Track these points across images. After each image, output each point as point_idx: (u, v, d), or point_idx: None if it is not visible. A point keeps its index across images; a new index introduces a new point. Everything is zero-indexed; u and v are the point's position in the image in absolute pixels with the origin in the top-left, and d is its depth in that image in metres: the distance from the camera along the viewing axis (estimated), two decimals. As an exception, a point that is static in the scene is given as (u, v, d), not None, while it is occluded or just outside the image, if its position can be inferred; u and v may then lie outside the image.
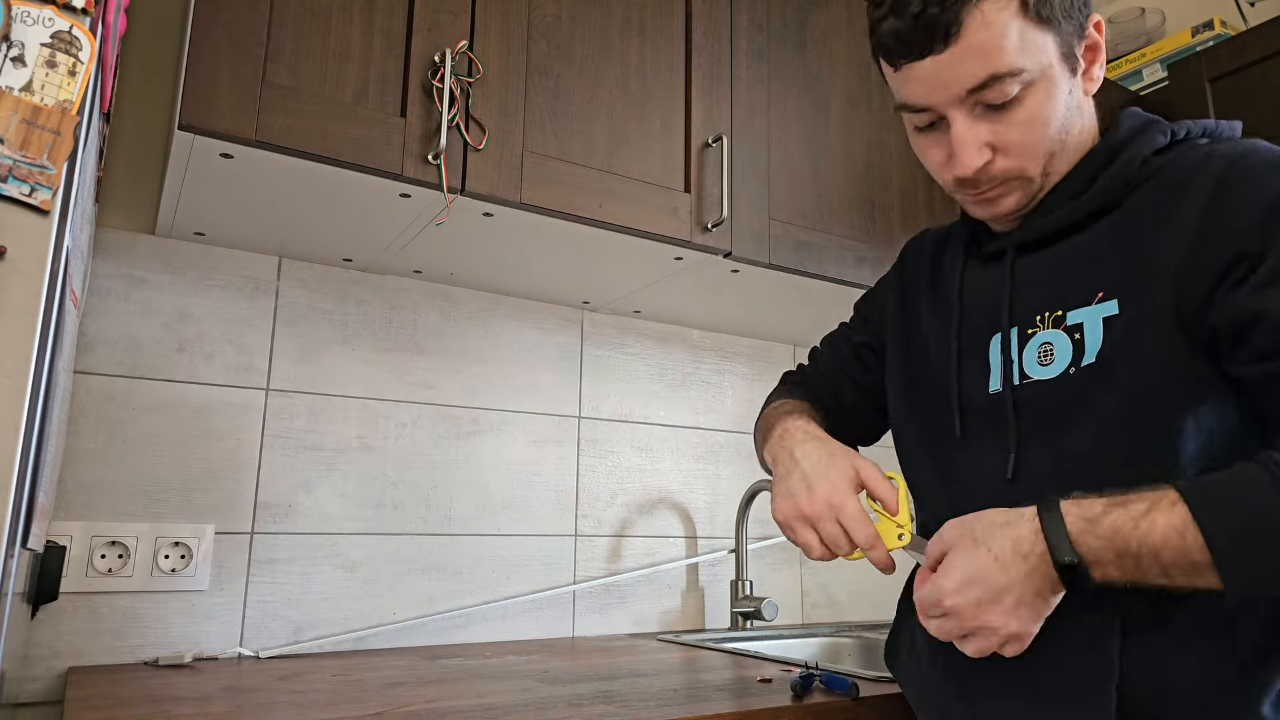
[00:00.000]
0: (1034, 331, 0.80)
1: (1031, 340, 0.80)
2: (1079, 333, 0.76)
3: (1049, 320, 0.79)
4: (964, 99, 0.78)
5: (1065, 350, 0.77)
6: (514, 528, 1.57)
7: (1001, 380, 0.82)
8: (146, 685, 1.06)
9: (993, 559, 0.71)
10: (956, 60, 0.76)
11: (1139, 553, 0.66)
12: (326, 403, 1.43)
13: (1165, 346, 0.72)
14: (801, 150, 1.53)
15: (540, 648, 1.43)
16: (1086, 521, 0.69)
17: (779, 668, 1.24)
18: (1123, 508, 0.68)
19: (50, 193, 0.63)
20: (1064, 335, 0.78)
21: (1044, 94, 0.77)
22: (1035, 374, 0.79)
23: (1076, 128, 0.82)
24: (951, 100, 0.78)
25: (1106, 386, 0.74)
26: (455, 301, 1.58)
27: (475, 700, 0.98)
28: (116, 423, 1.27)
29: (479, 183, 1.18)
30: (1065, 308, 0.78)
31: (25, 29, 0.64)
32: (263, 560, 1.34)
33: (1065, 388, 0.77)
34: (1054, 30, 0.77)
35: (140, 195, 1.33)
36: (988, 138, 0.79)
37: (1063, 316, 0.78)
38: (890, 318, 1.02)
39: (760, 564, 1.86)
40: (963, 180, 0.82)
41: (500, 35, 1.23)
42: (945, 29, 0.75)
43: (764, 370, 1.94)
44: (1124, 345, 0.74)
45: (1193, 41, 2.03)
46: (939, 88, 0.78)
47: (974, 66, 0.76)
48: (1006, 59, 0.75)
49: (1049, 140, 0.79)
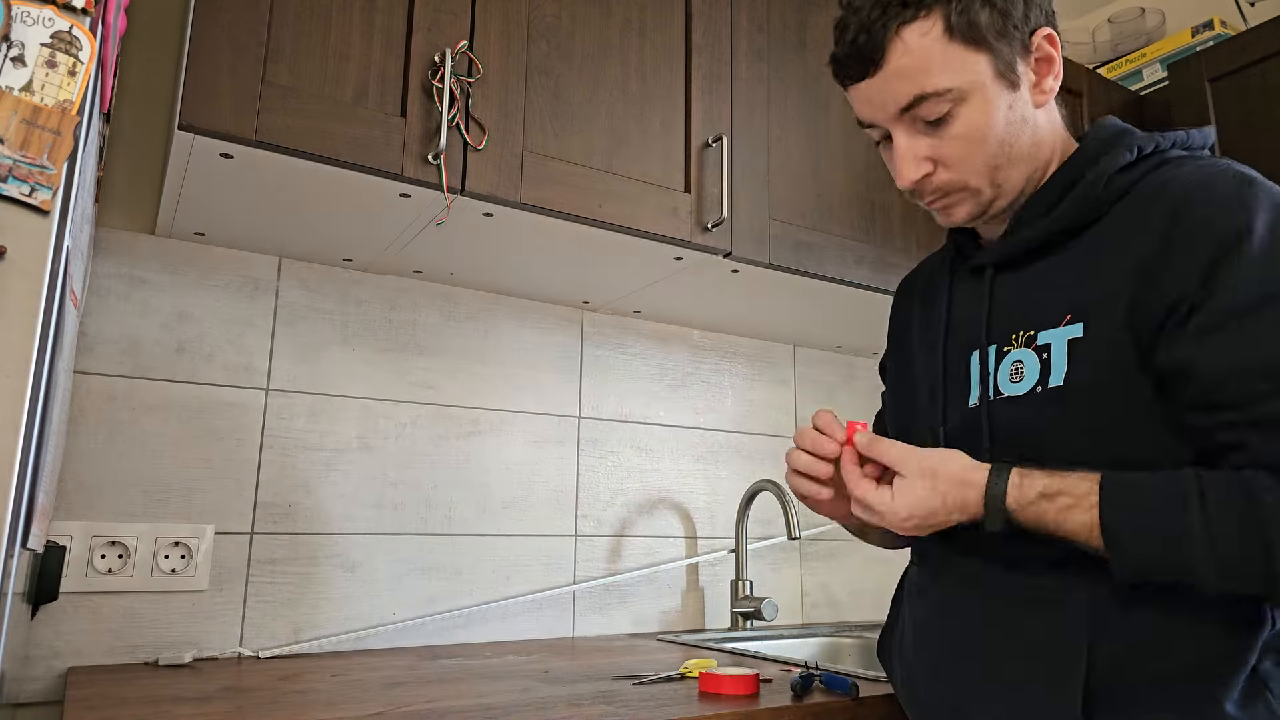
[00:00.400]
0: (1009, 349, 0.83)
1: (1006, 357, 0.83)
2: (1047, 353, 0.80)
3: (1022, 339, 0.82)
4: (899, 117, 0.84)
5: (1034, 369, 0.80)
6: (514, 528, 1.57)
7: (979, 395, 0.85)
8: (146, 685, 1.06)
9: (940, 503, 0.79)
10: (885, 83, 0.83)
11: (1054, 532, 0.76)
12: (326, 403, 1.43)
13: (1125, 375, 0.75)
14: (801, 150, 1.53)
15: (540, 648, 1.43)
16: (1019, 505, 0.77)
17: (779, 668, 1.24)
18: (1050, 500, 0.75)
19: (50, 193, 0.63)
20: (1033, 354, 0.81)
21: (978, 110, 0.81)
22: (1006, 390, 0.83)
23: (1025, 140, 0.84)
24: (888, 118, 0.85)
25: (1070, 409, 0.77)
26: (455, 301, 1.58)
27: (475, 700, 0.98)
28: (116, 423, 1.27)
29: (479, 183, 1.18)
30: (1037, 327, 0.81)
31: (25, 29, 0.64)
32: (263, 560, 1.34)
33: (1032, 406, 0.80)
34: (985, 50, 0.81)
35: (140, 195, 1.33)
36: (927, 152, 0.84)
37: (1034, 336, 0.81)
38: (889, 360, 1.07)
39: (760, 564, 1.86)
40: (910, 192, 0.87)
41: (500, 35, 1.23)
42: (871, 56, 0.82)
43: (764, 370, 1.94)
44: (1086, 370, 0.76)
45: (1193, 41, 2.03)
46: (876, 108, 0.85)
47: (901, 88, 0.82)
48: (931, 80, 0.81)
49: (988, 154, 0.83)
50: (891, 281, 1.57)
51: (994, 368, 0.84)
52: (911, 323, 1.01)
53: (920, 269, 1.07)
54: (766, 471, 1.89)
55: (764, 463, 1.90)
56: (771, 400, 1.94)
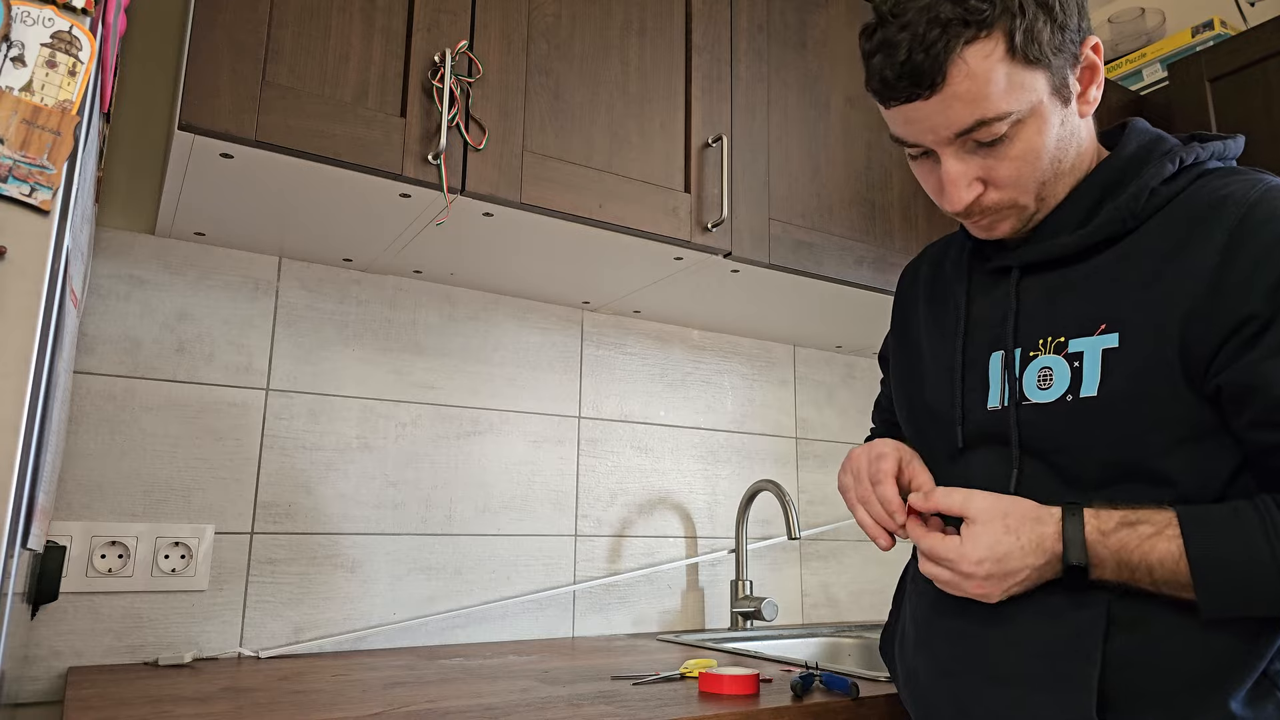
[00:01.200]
0: (1035, 355, 0.81)
1: (1032, 363, 0.81)
2: (1078, 361, 0.78)
3: (1050, 345, 0.80)
4: (952, 140, 0.79)
5: (1064, 377, 0.79)
6: (514, 528, 1.57)
7: (1002, 398, 0.83)
8: (146, 685, 1.06)
9: (1019, 547, 0.77)
10: (942, 106, 0.77)
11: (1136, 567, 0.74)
12: (326, 403, 1.43)
13: (1166, 388, 0.73)
14: (801, 150, 1.53)
15: (540, 648, 1.43)
16: (1100, 534, 0.75)
17: (779, 668, 1.24)
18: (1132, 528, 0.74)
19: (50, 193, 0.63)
20: (1064, 362, 0.79)
21: (1035, 130, 0.78)
22: (1034, 397, 0.81)
23: (1072, 153, 0.82)
24: (939, 141, 0.80)
25: (1103, 420, 0.76)
26: (455, 301, 1.58)
27: (475, 700, 0.98)
28: (116, 423, 1.27)
29: (479, 183, 1.18)
30: (1067, 335, 0.79)
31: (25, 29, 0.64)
32: (263, 560, 1.34)
33: (1062, 414, 0.78)
34: (1044, 68, 0.77)
35: (140, 195, 1.33)
36: (978, 173, 0.80)
37: (1064, 344, 0.79)
38: (892, 341, 1.05)
39: (760, 564, 1.86)
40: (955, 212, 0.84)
41: (500, 35, 1.23)
42: (930, 78, 0.76)
43: (764, 370, 1.94)
44: (1124, 381, 0.75)
45: (1193, 41, 2.03)
46: (927, 130, 0.79)
47: (960, 113, 0.77)
48: (993, 104, 0.76)
49: (1041, 172, 0.81)
50: (892, 281, 1.57)
51: (1019, 372, 0.82)
52: (918, 315, 0.99)
53: (924, 256, 1.05)
54: (766, 471, 1.89)
55: (764, 463, 1.90)
56: (771, 400, 1.94)
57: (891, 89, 0.79)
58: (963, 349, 0.88)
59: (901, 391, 0.99)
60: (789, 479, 1.93)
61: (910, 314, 1.01)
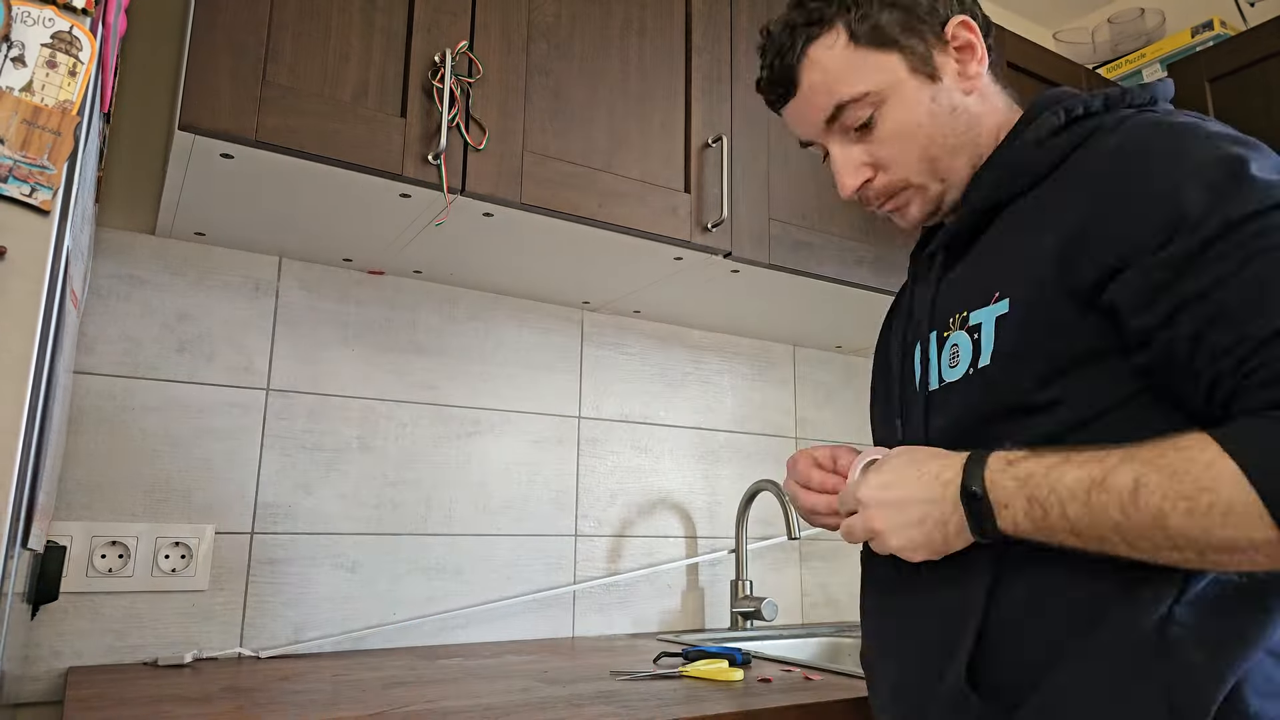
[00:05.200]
0: (947, 334, 0.81)
1: (945, 342, 0.81)
2: (978, 333, 0.77)
3: (957, 321, 0.80)
4: (827, 129, 0.85)
5: (967, 352, 0.78)
6: (514, 528, 1.57)
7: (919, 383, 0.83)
8: (146, 685, 1.06)
9: (917, 475, 0.75)
10: (805, 101, 0.85)
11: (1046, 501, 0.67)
12: (326, 403, 1.43)
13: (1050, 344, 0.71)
14: (801, 150, 1.52)
15: (540, 648, 1.43)
16: (1005, 463, 0.70)
17: (779, 668, 1.24)
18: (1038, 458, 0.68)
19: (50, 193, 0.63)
20: (966, 336, 0.78)
21: (900, 108, 0.82)
22: (947, 377, 0.80)
23: (958, 127, 0.83)
24: (818, 133, 0.87)
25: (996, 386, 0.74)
26: (455, 301, 1.58)
27: (475, 700, 0.98)
28: (116, 423, 1.27)
29: (479, 183, 1.18)
30: (970, 308, 0.78)
31: (25, 29, 0.64)
32: (263, 560, 1.34)
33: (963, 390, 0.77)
34: (894, 49, 0.82)
35: (140, 195, 1.33)
36: (863, 158, 0.85)
37: (966, 318, 0.79)
38: None
39: (760, 564, 1.86)
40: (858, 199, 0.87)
41: (500, 35, 1.23)
42: (785, 80, 0.86)
43: (764, 370, 1.94)
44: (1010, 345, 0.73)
45: (1193, 41, 2.03)
46: (804, 125, 0.88)
47: (819, 102, 0.84)
48: (845, 88, 0.82)
49: (921, 147, 0.83)
50: (892, 281, 1.57)
51: (935, 354, 0.82)
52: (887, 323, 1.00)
53: None
54: (766, 471, 1.89)
55: (764, 463, 1.90)
56: (771, 400, 1.94)
57: (768, 95, 0.89)
58: (903, 340, 0.88)
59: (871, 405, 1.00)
60: (789, 479, 1.92)
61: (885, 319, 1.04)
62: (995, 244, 0.80)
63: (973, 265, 0.82)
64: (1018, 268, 0.75)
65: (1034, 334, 0.72)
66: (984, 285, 0.78)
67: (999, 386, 0.74)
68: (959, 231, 0.83)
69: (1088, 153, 0.74)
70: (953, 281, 0.83)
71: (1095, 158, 0.73)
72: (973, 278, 0.80)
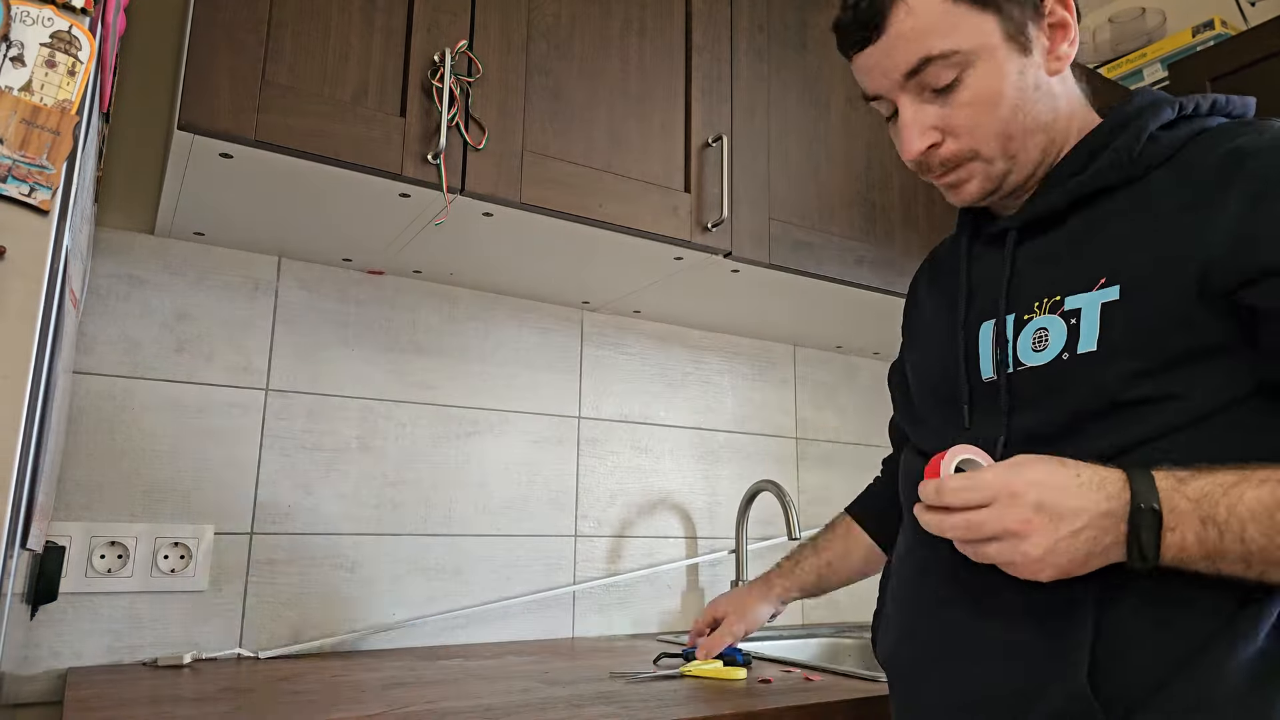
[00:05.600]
0: (1030, 318, 0.78)
1: (1028, 326, 0.78)
2: (1076, 319, 0.74)
3: (1046, 305, 0.77)
4: (904, 84, 0.80)
5: (1060, 336, 0.75)
6: (514, 528, 1.57)
7: (994, 366, 0.80)
8: (146, 686, 1.06)
9: (1076, 483, 0.67)
10: (889, 48, 0.79)
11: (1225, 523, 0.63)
12: (326, 403, 1.43)
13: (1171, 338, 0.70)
14: (801, 150, 1.53)
15: (540, 648, 1.43)
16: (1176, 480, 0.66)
17: (779, 668, 1.24)
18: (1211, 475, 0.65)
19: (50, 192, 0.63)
20: (1060, 321, 0.75)
21: (987, 74, 0.78)
22: (1028, 360, 0.77)
23: (1040, 108, 0.80)
24: (893, 86, 0.81)
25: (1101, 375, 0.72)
26: (455, 301, 1.58)
27: (475, 701, 0.97)
28: (116, 423, 1.27)
29: (479, 182, 1.18)
30: (1064, 293, 0.76)
31: (25, 29, 0.64)
32: (262, 560, 1.34)
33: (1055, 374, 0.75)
34: (994, 12, 0.78)
35: (140, 195, 1.33)
36: (934, 121, 0.80)
37: (1060, 302, 0.76)
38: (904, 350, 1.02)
39: (760, 564, 1.85)
40: (918, 164, 0.83)
41: (500, 35, 1.23)
42: (874, 19, 0.79)
43: (764, 370, 1.94)
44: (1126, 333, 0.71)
45: (1193, 41, 2.03)
46: (879, 75, 0.82)
47: (905, 52, 0.79)
48: (936, 42, 0.77)
49: (999, 120, 0.79)
50: (891, 281, 1.56)
51: (1012, 337, 0.79)
52: (923, 313, 0.97)
53: (928, 259, 1.03)
54: (766, 471, 1.89)
55: (764, 463, 1.90)
56: (771, 400, 1.94)
57: (846, 36, 0.82)
58: (964, 321, 0.85)
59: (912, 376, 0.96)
60: (789, 479, 1.92)
61: (913, 309, 1.00)
62: (1092, 229, 0.77)
63: (1061, 248, 0.79)
64: (1132, 256, 0.72)
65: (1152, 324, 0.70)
66: (1084, 270, 0.75)
67: (1103, 372, 0.71)
68: (1044, 213, 0.81)
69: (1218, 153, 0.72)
70: (1034, 263, 0.80)
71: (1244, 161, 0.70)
72: (1065, 261, 0.77)
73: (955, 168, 0.82)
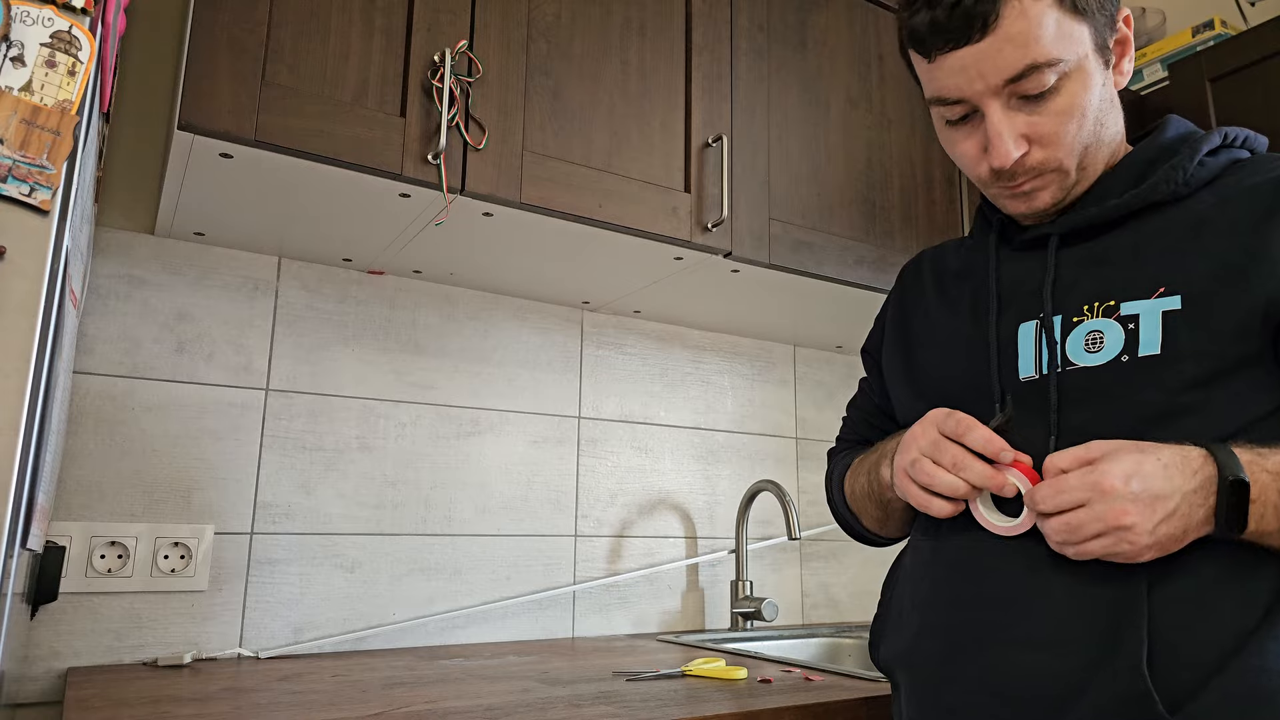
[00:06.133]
0: (1080, 320, 0.79)
1: (1077, 328, 0.79)
2: (1134, 324, 0.76)
3: (1098, 310, 0.78)
4: (1001, 89, 0.78)
5: (1117, 339, 0.76)
6: (514, 528, 1.57)
7: (1038, 366, 0.81)
8: (146, 686, 1.06)
9: (1161, 466, 0.69)
10: (994, 49, 0.76)
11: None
12: (326, 403, 1.43)
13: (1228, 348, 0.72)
14: (801, 150, 1.53)
15: (540, 648, 1.43)
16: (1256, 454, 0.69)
17: (779, 668, 1.24)
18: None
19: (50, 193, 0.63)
20: (1116, 325, 0.77)
21: (1080, 85, 0.78)
22: (1080, 360, 0.78)
23: (1111, 120, 0.82)
24: (988, 91, 0.78)
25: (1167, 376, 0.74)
26: (455, 301, 1.58)
27: (475, 701, 0.97)
28: (116, 423, 1.27)
29: (479, 183, 1.18)
30: (1119, 298, 0.77)
31: (25, 29, 0.64)
32: (262, 560, 1.34)
33: (1115, 374, 0.76)
34: (1089, 21, 0.78)
35: (140, 195, 1.33)
36: (1023, 129, 0.79)
37: (1115, 306, 0.77)
38: (886, 332, 1.02)
39: (760, 564, 1.86)
40: (999, 172, 0.82)
41: (500, 35, 1.23)
42: (984, 18, 0.76)
43: (764, 370, 1.94)
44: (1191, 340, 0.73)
45: (1193, 41, 2.03)
46: (976, 78, 0.78)
47: (1012, 56, 0.76)
48: (1044, 49, 0.76)
49: (1084, 132, 0.80)
50: (891, 281, 1.56)
51: (1060, 338, 0.80)
52: (922, 307, 0.97)
53: (923, 258, 1.03)
54: (766, 471, 1.89)
55: (764, 463, 1.90)
56: (771, 400, 1.94)
57: (943, 34, 0.78)
58: (997, 325, 0.86)
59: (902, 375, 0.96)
60: (789, 479, 1.92)
61: (913, 308, 0.99)
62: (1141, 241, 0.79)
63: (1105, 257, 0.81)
64: (1191, 270, 0.75)
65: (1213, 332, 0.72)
66: (1139, 279, 0.77)
67: (1165, 375, 0.73)
68: (1095, 222, 0.82)
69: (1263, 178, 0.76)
70: (1076, 269, 0.82)
71: None
72: (1113, 269, 0.79)
73: (1036, 176, 0.82)
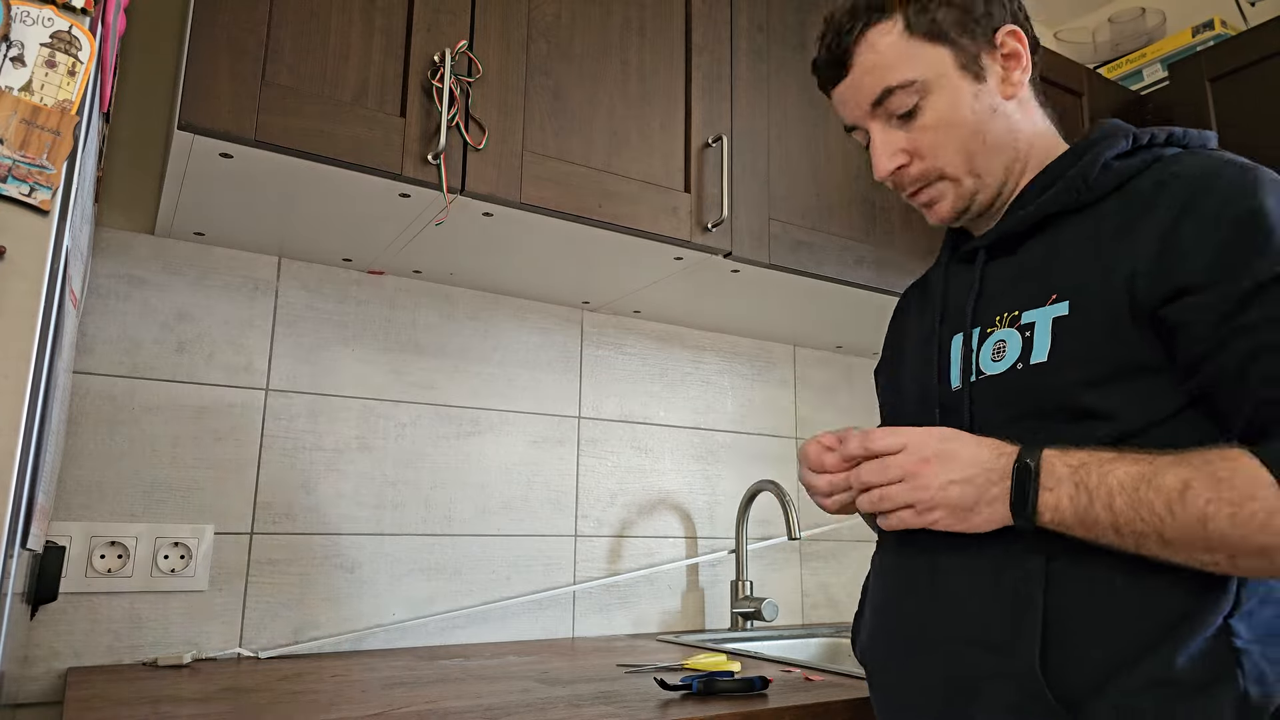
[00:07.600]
0: (991, 330, 0.85)
1: (990, 338, 0.85)
2: (1030, 331, 0.81)
3: (1006, 320, 0.84)
4: (872, 113, 0.89)
5: (1015, 347, 0.81)
6: (514, 528, 1.57)
7: (964, 376, 0.86)
8: (146, 686, 1.06)
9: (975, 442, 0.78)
10: (857, 81, 0.89)
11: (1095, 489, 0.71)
12: (326, 403, 1.43)
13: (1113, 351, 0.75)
14: (801, 150, 1.53)
15: (540, 648, 1.43)
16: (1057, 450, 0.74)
17: (779, 668, 1.24)
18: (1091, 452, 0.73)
19: (50, 192, 0.63)
20: (1016, 333, 0.82)
21: (946, 101, 0.86)
22: (988, 370, 0.84)
23: (998, 128, 0.88)
24: (864, 115, 0.90)
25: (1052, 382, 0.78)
26: (455, 301, 1.58)
27: (475, 701, 0.98)
28: (116, 423, 1.27)
29: (479, 183, 1.18)
30: (1021, 307, 0.83)
31: (25, 29, 0.64)
32: (262, 560, 1.34)
33: (1010, 382, 0.81)
34: (947, 44, 0.87)
35: (140, 195, 1.33)
36: (903, 144, 0.89)
37: (1018, 316, 0.83)
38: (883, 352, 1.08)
39: (760, 564, 1.86)
40: (896, 184, 0.91)
41: (500, 35, 1.23)
42: (844, 56, 0.90)
43: (764, 370, 1.94)
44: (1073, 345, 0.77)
45: (1193, 41, 2.03)
46: (854, 105, 0.91)
47: (870, 84, 0.88)
48: (895, 73, 0.87)
49: (960, 140, 0.87)
50: (892, 281, 1.57)
51: (976, 348, 0.85)
52: (907, 325, 1.02)
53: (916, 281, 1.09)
54: (766, 471, 1.89)
55: (764, 463, 1.90)
56: (771, 400, 1.94)
57: (822, 74, 0.93)
58: (939, 338, 0.91)
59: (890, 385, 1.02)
60: (789, 479, 1.92)
61: (899, 326, 1.05)
62: (1050, 250, 0.84)
63: (1023, 267, 0.86)
64: (1081, 275, 0.79)
65: (1095, 337, 0.76)
66: (1040, 287, 0.82)
67: (1052, 381, 0.78)
68: (1009, 234, 0.87)
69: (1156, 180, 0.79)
70: (999, 280, 0.87)
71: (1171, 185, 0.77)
72: (1026, 279, 0.84)
73: (926, 187, 0.90)
